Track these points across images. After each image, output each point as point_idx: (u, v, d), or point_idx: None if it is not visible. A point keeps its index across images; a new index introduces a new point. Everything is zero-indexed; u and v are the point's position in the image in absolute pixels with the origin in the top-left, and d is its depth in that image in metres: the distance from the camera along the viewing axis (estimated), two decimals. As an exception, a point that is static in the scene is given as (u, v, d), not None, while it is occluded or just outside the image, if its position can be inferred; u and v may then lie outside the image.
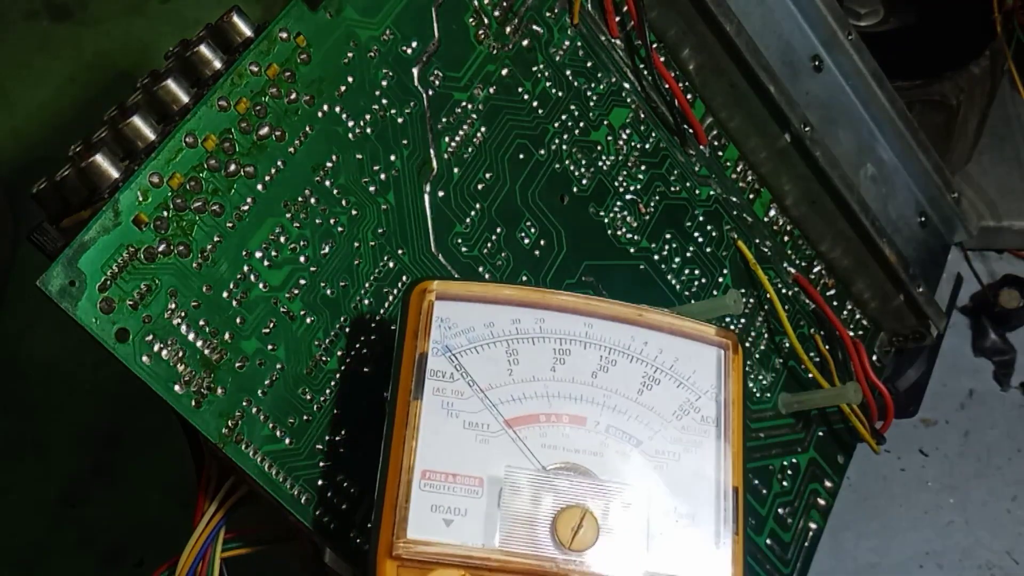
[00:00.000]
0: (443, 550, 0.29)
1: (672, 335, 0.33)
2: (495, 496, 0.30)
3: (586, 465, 0.31)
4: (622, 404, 0.32)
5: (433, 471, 0.30)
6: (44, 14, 0.69)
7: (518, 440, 0.31)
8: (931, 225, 0.51)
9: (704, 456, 0.32)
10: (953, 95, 0.56)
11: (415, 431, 0.30)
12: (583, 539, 0.30)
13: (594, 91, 0.42)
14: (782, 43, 0.45)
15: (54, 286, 0.29)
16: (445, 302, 0.32)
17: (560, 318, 0.32)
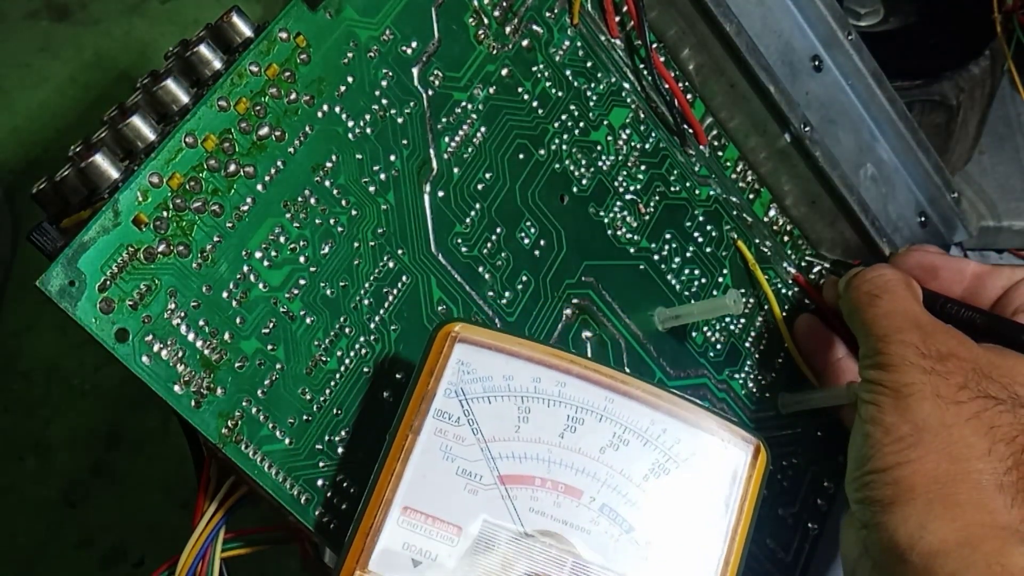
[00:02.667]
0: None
1: (694, 428, 0.32)
2: (468, 548, 0.30)
3: (570, 539, 0.30)
4: (624, 486, 0.31)
5: (414, 509, 0.30)
6: (44, 14, 0.69)
7: (507, 498, 0.30)
8: (931, 225, 0.51)
9: (700, 557, 0.31)
10: (953, 95, 0.56)
11: (404, 466, 0.30)
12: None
13: (594, 91, 0.42)
14: (782, 43, 0.45)
15: (54, 286, 0.29)
16: (469, 346, 0.32)
17: (582, 387, 0.32)
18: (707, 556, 0.31)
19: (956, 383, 0.35)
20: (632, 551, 0.30)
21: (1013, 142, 0.63)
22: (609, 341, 0.40)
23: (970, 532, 0.32)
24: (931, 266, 0.44)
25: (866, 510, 0.35)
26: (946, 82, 0.56)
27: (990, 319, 0.41)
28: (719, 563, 0.31)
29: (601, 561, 0.30)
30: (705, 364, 0.43)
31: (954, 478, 0.34)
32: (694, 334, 0.43)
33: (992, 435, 0.34)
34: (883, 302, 0.39)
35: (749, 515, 0.32)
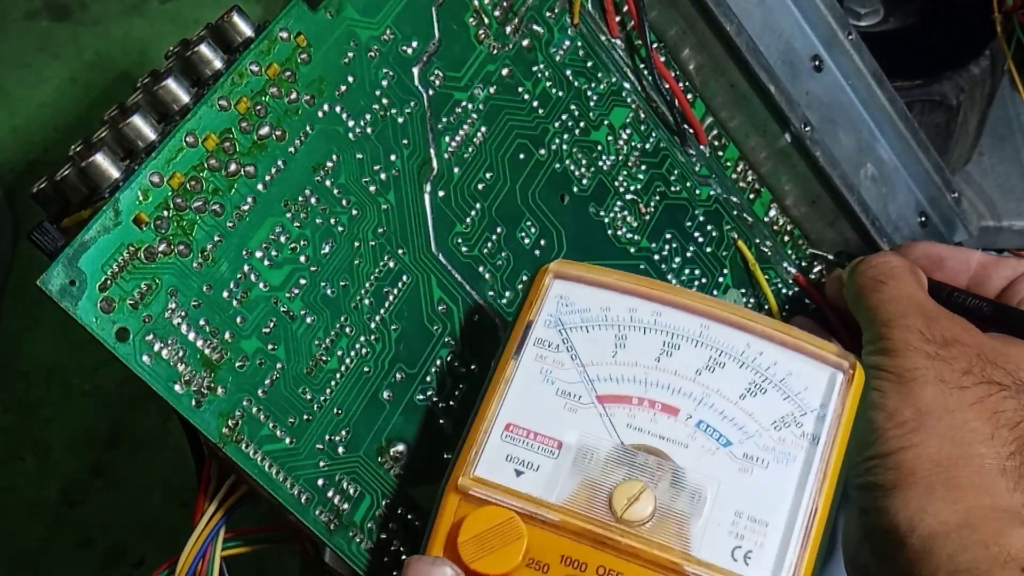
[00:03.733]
0: (503, 493, 0.31)
1: (790, 349, 0.33)
2: (569, 460, 0.31)
3: (667, 451, 0.31)
4: (720, 404, 0.32)
5: (517, 425, 0.32)
6: (44, 14, 0.69)
7: (605, 415, 0.32)
8: (931, 225, 0.51)
9: (795, 471, 0.31)
10: (953, 95, 0.56)
11: (507, 386, 0.32)
12: (636, 512, 0.30)
13: (594, 91, 0.42)
14: (782, 43, 0.45)
15: (54, 286, 0.29)
16: (567, 282, 0.34)
17: (677, 315, 0.33)
18: (804, 471, 0.31)
19: (960, 368, 0.35)
20: (729, 464, 0.31)
21: (1013, 142, 0.63)
22: (609, 341, 0.40)
23: (970, 515, 0.33)
24: (936, 256, 0.44)
25: (867, 495, 0.35)
26: (946, 82, 0.56)
27: (997, 308, 0.41)
28: (815, 478, 0.31)
29: (699, 472, 0.31)
30: (705, 364, 0.43)
31: (956, 462, 0.34)
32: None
33: (995, 420, 0.34)
34: (888, 288, 0.39)
35: (846, 432, 0.32)
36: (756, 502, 0.31)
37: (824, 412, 0.32)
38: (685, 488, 0.31)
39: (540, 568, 0.30)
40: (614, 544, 0.30)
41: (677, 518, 0.30)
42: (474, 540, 0.30)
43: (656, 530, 0.30)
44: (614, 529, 0.30)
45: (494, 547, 0.30)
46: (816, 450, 0.32)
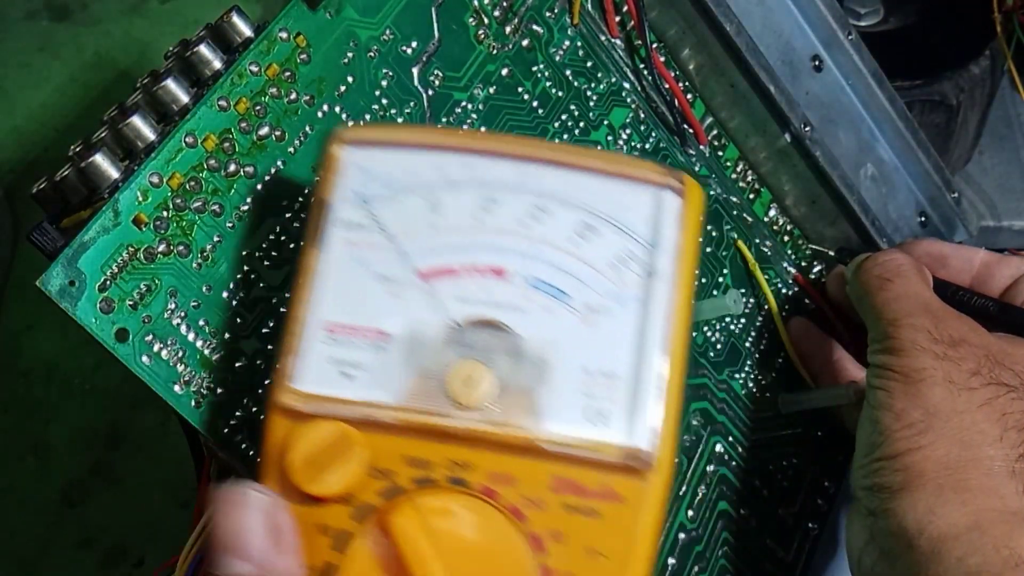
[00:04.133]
0: (331, 403, 0.28)
1: (616, 179, 0.29)
2: (399, 352, 0.28)
3: (504, 320, 0.28)
4: (552, 255, 0.29)
5: (335, 323, 0.28)
6: (44, 14, 0.69)
7: (431, 293, 0.29)
8: (931, 225, 0.51)
9: (640, 311, 0.28)
10: (953, 95, 0.56)
11: (315, 281, 0.29)
12: (475, 394, 0.27)
13: (594, 91, 0.42)
14: (782, 43, 0.45)
15: (54, 286, 0.29)
16: (362, 148, 0.30)
17: (490, 163, 0.29)
18: (649, 310, 0.28)
19: (968, 369, 0.35)
20: (569, 319, 0.28)
21: (1013, 142, 0.63)
22: (609, 341, 0.40)
23: (980, 517, 0.32)
24: (940, 254, 0.43)
25: (874, 497, 0.35)
26: (946, 82, 0.56)
27: (1003, 308, 0.40)
28: (662, 316, 0.28)
29: (540, 335, 0.28)
30: (705, 364, 0.43)
31: (965, 464, 0.33)
32: (694, 334, 0.43)
33: (1004, 422, 0.34)
34: (894, 286, 0.39)
35: (691, 259, 0.29)
36: (604, 355, 0.28)
37: (661, 240, 0.29)
38: (526, 357, 0.28)
39: (385, 476, 0.27)
40: (457, 434, 0.27)
41: (522, 391, 0.28)
42: (305, 462, 0.27)
43: (501, 409, 0.27)
44: (454, 418, 0.27)
45: (328, 465, 0.27)
46: (659, 285, 0.29)
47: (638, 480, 0.27)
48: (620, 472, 0.27)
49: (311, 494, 0.27)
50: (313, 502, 0.27)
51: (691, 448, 0.42)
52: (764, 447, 0.45)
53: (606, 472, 0.27)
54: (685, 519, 0.41)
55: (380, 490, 0.27)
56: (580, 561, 0.27)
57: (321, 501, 0.27)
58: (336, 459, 0.27)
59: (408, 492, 0.27)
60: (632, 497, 0.27)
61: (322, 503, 0.27)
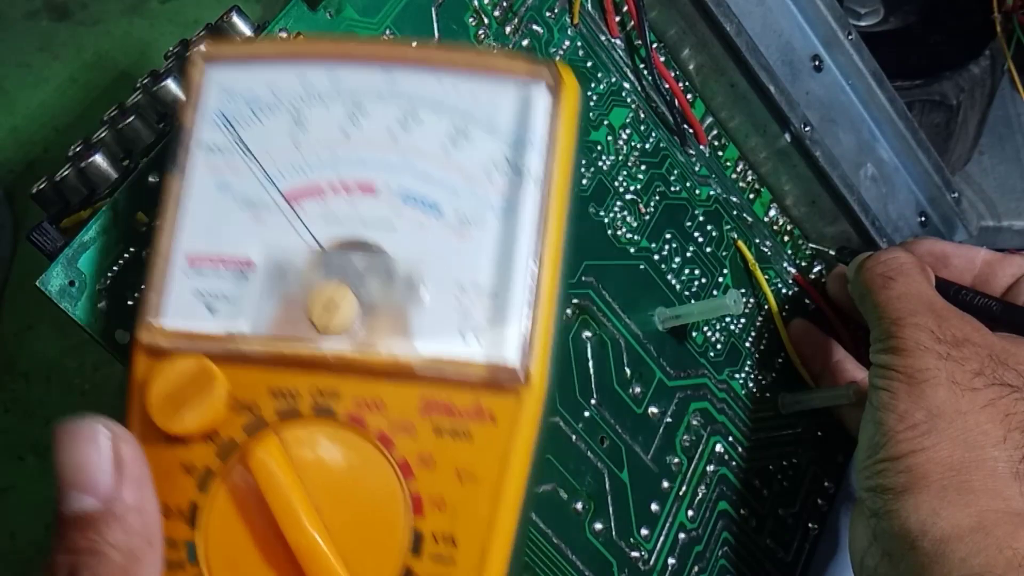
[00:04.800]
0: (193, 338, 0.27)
1: (485, 77, 0.28)
2: (264, 280, 0.27)
3: (374, 239, 0.27)
4: (423, 165, 0.28)
5: (198, 254, 0.27)
6: (44, 14, 0.69)
7: (296, 216, 0.27)
8: (931, 225, 0.51)
9: (514, 219, 0.27)
10: (953, 95, 0.56)
11: (177, 210, 0.27)
12: (337, 318, 0.26)
13: (594, 91, 0.42)
14: (782, 43, 0.45)
15: (54, 286, 0.29)
16: (223, 66, 0.28)
17: (355, 71, 0.28)
18: (522, 215, 0.27)
19: (972, 369, 0.35)
20: (443, 233, 0.27)
21: (1013, 142, 0.63)
22: (609, 341, 0.40)
23: (983, 518, 0.32)
24: (941, 253, 0.43)
25: (878, 498, 0.35)
26: (946, 82, 0.56)
27: (1006, 307, 0.40)
28: (535, 220, 0.27)
29: (410, 252, 0.27)
30: (705, 364, 0.43)
31: (968, 466, 0.33)
32: (694, 334, 0.43)
33: (1008, 423, 0.34)
34: (897, 284, 0.38)
35: (566, 159, 0.28)
36: (476, 268, 0.27)
37: (531, 139, 0.27)
38: (396, 276, 0.27)
39: (249, 410, 0.26)
40: (321, 362, 0.26)
41: (392, 312, 0.27)
42: (164, 400, 0.26)
43: (370, 333, 0.26)
44: (317, 345, 0.26)
45: (187, 401, 0.26)
46: (529, 187, 0.27)
47: (510, 397, 0.26)
48: (490, 390, 0.26)
49: (171, 433, 0.26)
50: (177, 442, 0.26)
51: (691, 448, 0.42)
52: (764, 447, 0.45)
53: (476, 391, 0.26)
54: (685, 519, 0.41)
55: (244, 425, 0.26)
56: (451, 485, 0.26)
57: (184, 440, 0.26)
58: (196, 395, 0.26)
59: (272, 425, 0.26)
60: (504, 416, 0.26)
61: (186, 442, 0.26)
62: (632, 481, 0.39)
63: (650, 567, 0.40)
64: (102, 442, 0.26)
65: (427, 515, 0.26)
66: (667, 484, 0.41)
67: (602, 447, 0.39)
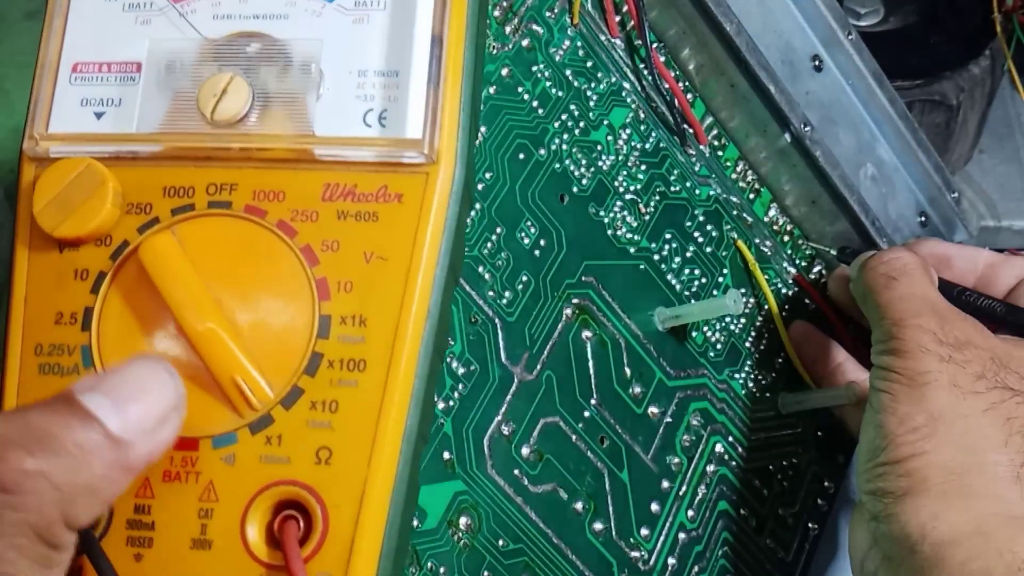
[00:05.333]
0: (82, 141, 0.26)
1: None
2: (152, 80, 0.27)
3: (265, 31, 0.27)
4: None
5: (84, 62, 0.27)
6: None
7: (184, 15, 0.27)
8: (931, 225, 0.51)
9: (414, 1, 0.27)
10: (953, 95, 0.56)
11: (62, 20, 0.27)
12: (228, 108, 0.26)
13: (594, 91, 0.42)
14: (782, 43, 0.45)
15: (53, 285, 0.29)
16: None
17: None
18: None
19: (973, 372, 0.35)
20: (340, 18, 0.27)
21: (1013, 142, 0.63)
22: (609, 341, 0.40)
23: (983, 522, 0.32)
24: (944, 254, 0.43)
25: (878, 501, 0.34)
26: (946, 82, 0.56)
27: (1010, 309, 0.40)
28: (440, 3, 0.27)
29: (306, 40, 0.26)
30: (705, 364, 0.43)
31: (969, 469, 0.33)
32: (694, 334, 0.43)
33: (1009, 426, 0.34)
34: (900, 285, 0.38)
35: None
36: (379, 53, 0.26)
37: None
38: (292, 63, 0.26)
39: (142, 210, 0.26)
40: (215, 153, 0.26)
41: (289, 100, 0.26)
42: (51, 204, 0.25)
43: (266, 121, 0.26)
44: (211, 136, 0.26)
45: (76, 204, 0.25)
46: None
47: (416, 175, 0.26)
48: (395, 169, 0.26)
49: (59, 237, 0.25)
50: (69, 247, 0.26)
51: (691, 448, 0.42)
52: (764, 447, 0.45)
53: (382, 172, 0.26)
54: (685, 519, 0.41)
55: (138, 225, 0.26)
56: (358, 267, 0.26)
57: (76, 244, 0.26)
58: (85, 197, 0.25)
59: (166, 223, 0.26)
60: (411, 195, 0.26)
61: (77, 247, 0.26)
62: (632, 481, 0.39)
63: (650, 567, 0.40)
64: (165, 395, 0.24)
65: (334, 298, 0.26)
66: (667, 484, 0.41)
67: (602, 447, 0.39)
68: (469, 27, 0.27)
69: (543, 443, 0.37)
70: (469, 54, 0.27)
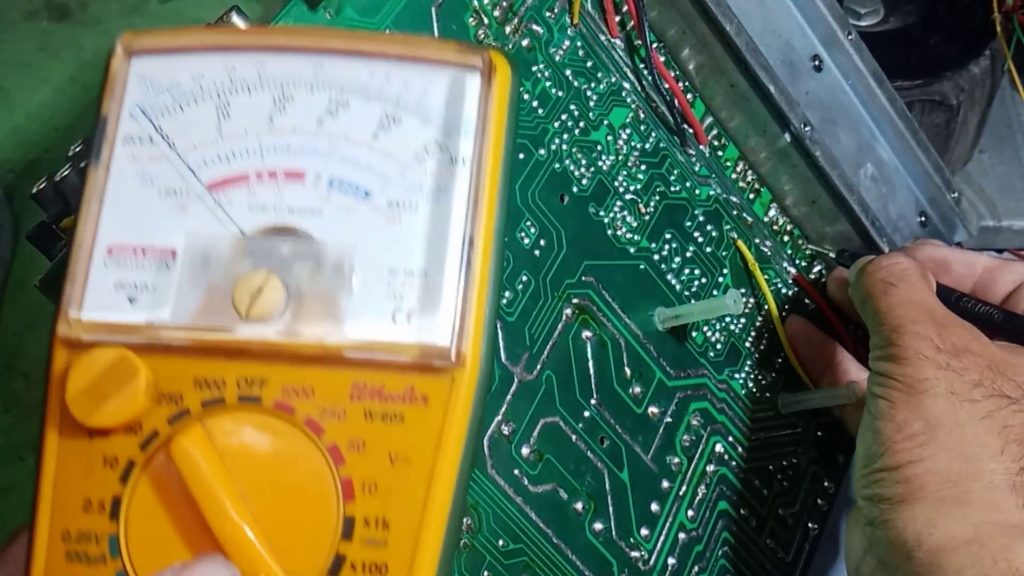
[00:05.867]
0: (114, 330, 0.26)
1: (417, 63, 0.28)
2: (186, 269, 0.27)
3: (300, 226, 0.27)
4: (352, 152, 0.28)
5: (120, 245, 0.27)
6: (44, 14, 0.69)
7: (219, 205, 0.27)
8: (931, 225, 0.51)
9: (445, 203, 0.27)
10: (953, 95, 0.56)
11: (98, 202, 0.27)
12: (264, 306, 0.26)
13: (594, 91, 0.42)
14: (782, 43, 0.45)
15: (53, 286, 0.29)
16: (146, 58, 0.28)
17: (284, 60, 0.28)
18: (454, 200, 0.27)
19: (971, 380, 0.35)
20: (373, 218, 0.27)
21: (1013, 142, 0.63)
22: (609, 341, 0.40)
23: (979, 530, 0.32)
24: (943, 260, 0.43)
25: (874, 507, 0.35)
26: (946, 82, 0.56)
27: (1008, 316, 0.40)
28: (466, 204, 0.27)
29: (339, 237, 0.27)
30: (705, 364, 0.43)
31: (966, 477, 0.33)
32: (694, 334, 0.43)
33: (1005, 435, 0.34)
34: (898, 291, 0.38)
35: (498, 143, 0.28)
36: (410, 253, 0.27)
37: (466, 125, 0.28)
38: (325, 261, 0.27)
39: (173, 401, 0.26)
40: (246, 349, 0.26)
41: (321, 298, 0.27)
42: (84, 394, 0.26)
43: (297, 319, 0.26)
44: (241, 332, 0.26)
45: (109, 394, 0.26)
46: (463, 173, 0.27)
47: (442, 379, 0.26)
48: (422, 372, 0.26)
49: (91, 426, 0.26)
50: (98, 434, 0.26)
51: (691, 448, 0.42)
52: (764, 447, 0.45)
53: (408, 374, 0.26)
54: (685, 519, 0.41)
55: (168, 416, 0.26)
56: (383, 469, 0.26)
57: (106, 433, 0.26)
58: (118, 387, 0.26)
59: (196, 414, 0.26)
60: (436, 397, 0.26)
61: (107, 435, 0.26)
62: (632, 481, 0.39)
63: (650, 567, 0.40)
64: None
65: (358, 499, 0.26)
66: (667, 484, 0.41)
67: (602, 447, 0.39)
68: (498, 225, 0.27)
69: (543, 443, 0.37)
70: (497, 252, 0.27)
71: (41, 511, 0.27)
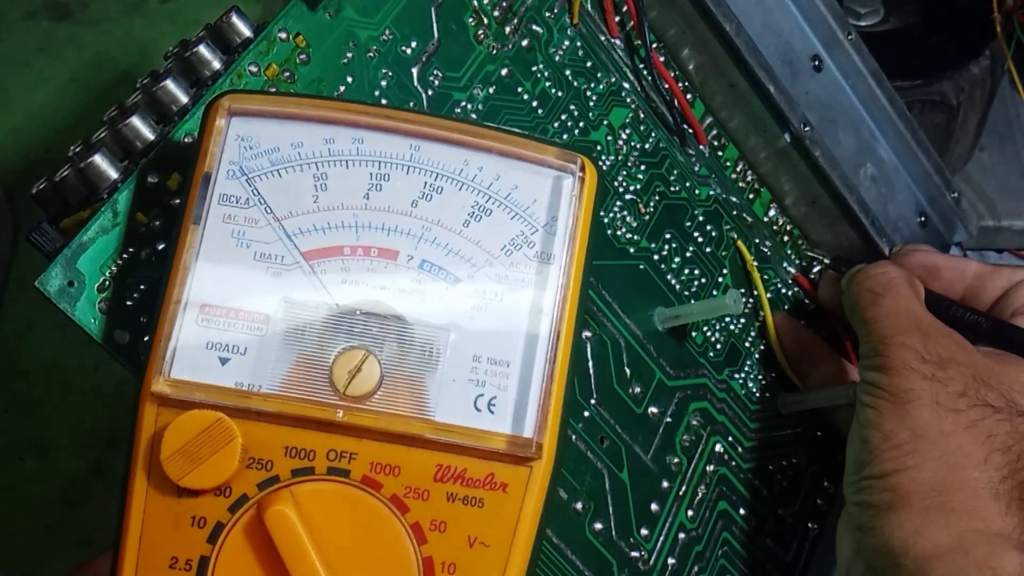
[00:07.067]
0: (207, 391, 0.27)
1: (513, 159, 0.29)
2: (279, 335, 0.27)
3: (391, 304, 0.28)
4: (443, 237, 0.28)
5: (213, 305, 0.27)
6: (44, 14, 0.69)
7: (314, 274, 0.28)
8: (931, 225, 0.51)
9: (531, 297, 0.28)
10: (953, 95, 0.56)
11: (193, 260, 0.27)
12: (360, 384, 0.27)
13: (594, 91, 0.42)
14: (782, 43, 0.45)
15: (53, 286, 0.29)
16: (247, 119, 0.29)
17: (382, 139, 0.29)
18: (541, 296, 0.28)
19: (955, 390, 0.35)
20: (461, 304, 0.28)
21: (1013, 142, 0.63)
22: (609, 341, 0.40)
23: (963, 538, 0.33)
24: (933, 266, 0.44)
25: (863, 513, 0.35)
26: (946, 82, 0.56)
27: (995, 324, 0.40)
28: (553, 302, 0.28)
29: (429, 320, 0.28)
30: (705, 364, 0.43)
31: (950, 486, 0.34)
32: (694, 334, 0.43)
33: (989, 444, 0.34)
34: (886, 301, 0.39)
35: (583, 244, 0.29)
36: (495, 342, 0.28)
37: (556, 225, 0.29)
38: (415, 344, 0.28)
39: (263, 467, 0.27)
40: (340, 425, 0.27)
41: (409, 380, 0.27)
42: (179, 454, 0.26)
43: (387, 399, 0.27)
44: (338, 408, 0.27)
45: (204, 456, 0.26)
46: (551, 269, 0.28)
47: (522, 468, 0.27)
48: (504, 460, 0.27)
49: (186, 487, 0.26)
50: (188, 494, 0.27)
51: (691, 448, 0.42)
52: (764, 447, 0.45)
53: (491, 461, 0.27)
54: (685, 519, 0.41)
55: (257, 481, 0.27)
56: (462, 550, 0.27)
57: (196, 493, 0.27)
58: (212, 450, 0.26)
59: (286, 482, 0.27)
60: (516, 485, 0.27)
61: (197, 495, 0.27)
62: (632, 481, 0.39)
63: (650, 567, 0.40)
64: None
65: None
66: (667, 484, 0.41)
67: (602, 447, 0.39)
68: (578, 319, 0.28)
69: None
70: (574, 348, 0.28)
71: (127, 564, 0.27)
